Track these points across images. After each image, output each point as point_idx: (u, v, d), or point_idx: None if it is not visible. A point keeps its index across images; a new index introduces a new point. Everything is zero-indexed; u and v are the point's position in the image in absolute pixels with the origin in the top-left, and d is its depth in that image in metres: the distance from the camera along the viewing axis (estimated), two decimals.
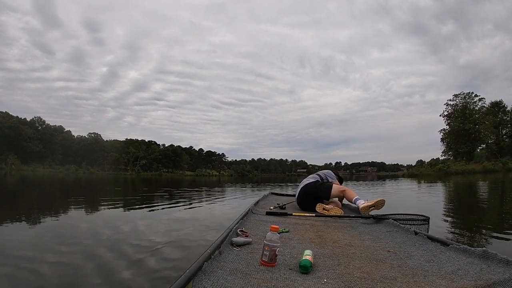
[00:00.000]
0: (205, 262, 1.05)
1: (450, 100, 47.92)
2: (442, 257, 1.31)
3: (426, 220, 2.06)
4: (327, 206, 2.80)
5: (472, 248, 1.29)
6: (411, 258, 1.33)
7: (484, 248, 1.25)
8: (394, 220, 2.09)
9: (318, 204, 2.81)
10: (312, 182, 3.17)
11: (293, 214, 2.55)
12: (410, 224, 2.00)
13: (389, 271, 1.16)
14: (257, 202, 3.38)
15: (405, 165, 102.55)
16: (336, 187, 3.05)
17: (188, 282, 0.88)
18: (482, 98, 46.02)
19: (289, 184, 18.11)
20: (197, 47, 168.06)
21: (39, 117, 67.04)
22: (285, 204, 3.10)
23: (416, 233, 1.70)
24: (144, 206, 6.85)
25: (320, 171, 3.49)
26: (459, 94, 47.29)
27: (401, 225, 1.95)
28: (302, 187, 3.17)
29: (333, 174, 3.45)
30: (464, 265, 1.18)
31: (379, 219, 2.24)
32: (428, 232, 1.84)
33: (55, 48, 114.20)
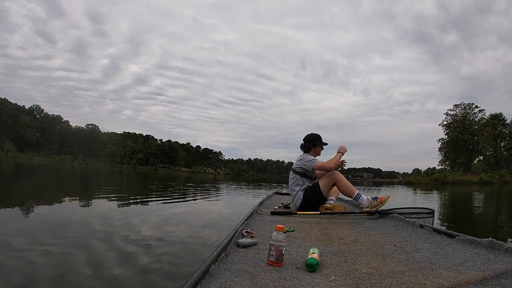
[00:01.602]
0: (212, 265, 1.04)
1: (450, 110, 48.15)
2: (449, 249, 1.32)
3: (431, 212, 2.08)
4: (329, 205, 2.81)
5: (479, 239, 1.31)
6: (418, 251, 1.34)
7: (490, 238, 1.27)
8: (399, 214, 2.11)
9: (320, 206, 2.79)
10: (304, 200, 2.81)
11: (298, 212, 2.56)
12: (415, 218, 2.02)
13: (396, 266, 1.16)
14: (262, 202, 3.36)
15: (401, 172, 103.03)
16: (323, 184, 2.74)
17: (196, 285, 0.88)
18: (482, 110, 46.32)
19: (283, 185, 17.96)
20: (199, 44, 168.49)
21: (38, 105, 66.98)
22: (289, 204, 3.08)
23: (421, 226, 1.72)
24: (138, 201, 6.78)
25: (295, 164, 2.95)
26: (460, 104, 47.49)
27: (407, 218, 1.96)
28: (297, 208, 2.86)
29: (308, 160, 2.89)
30: (471, 256, 1.20)
31: (384, 213, 2.26)
32: (432, 225, 1.86)
33: (58, 38, 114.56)
